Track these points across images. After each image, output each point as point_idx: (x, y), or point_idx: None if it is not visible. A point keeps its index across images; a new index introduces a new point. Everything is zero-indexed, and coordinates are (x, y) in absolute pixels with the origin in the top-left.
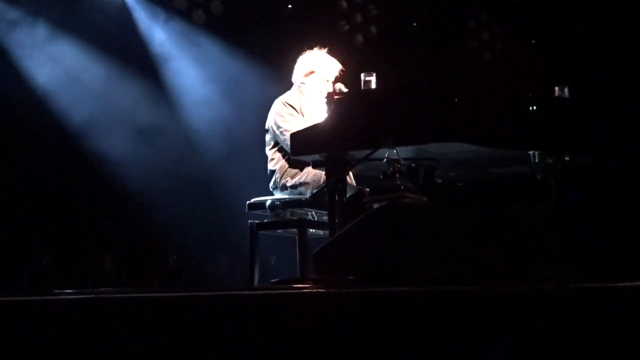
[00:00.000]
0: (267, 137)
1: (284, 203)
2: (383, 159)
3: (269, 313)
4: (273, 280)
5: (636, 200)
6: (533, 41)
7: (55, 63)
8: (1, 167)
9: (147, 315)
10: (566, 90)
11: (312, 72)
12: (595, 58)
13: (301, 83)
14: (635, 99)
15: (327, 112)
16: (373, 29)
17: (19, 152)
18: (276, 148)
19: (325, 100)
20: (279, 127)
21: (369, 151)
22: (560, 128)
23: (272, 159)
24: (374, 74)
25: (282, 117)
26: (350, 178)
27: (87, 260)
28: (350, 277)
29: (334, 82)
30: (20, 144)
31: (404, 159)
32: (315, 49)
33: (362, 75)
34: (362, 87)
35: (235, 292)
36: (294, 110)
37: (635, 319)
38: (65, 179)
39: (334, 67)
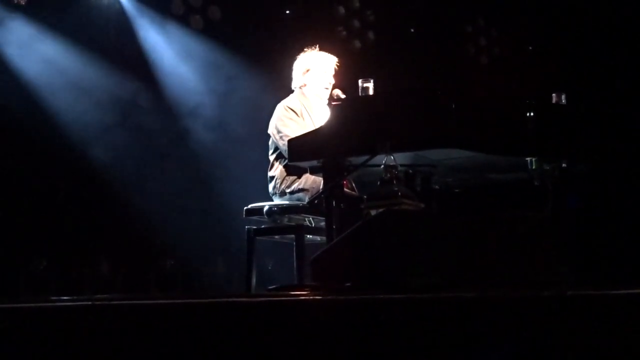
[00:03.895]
0: (270, 142)
1: (282, 209)
2: (381, 165)
3: (266, 320)
4: (270, 287)
5: (633, 207)
6: (530, 47)
7: (51, 65)
8: None
9: (144, 322)
10: (563, 96)
11: (308, 70)
12: (593, 64)
13: (302, 85)
14: (633, 105)
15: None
16: (371, 34)
17: (15, 157)
18: (276, 153)
19: (328, 104)
20: (279, 132)
21: (366, 157)
22: (557, 134)
23: (272, 165)
24: (372, 80)
25: (282, 121)
26: (351, 184)
27: (84, 265)
28: (348, 283)
29: (335, 80)
30: (17, 148)
31: (402, 165)
32: (306, 50)
33: (360, 81)
34: (360, 93)
35: (232, 299)
36: (294, 115)
37: (633, 325)
38: (62, 184)
39: (328, 59)
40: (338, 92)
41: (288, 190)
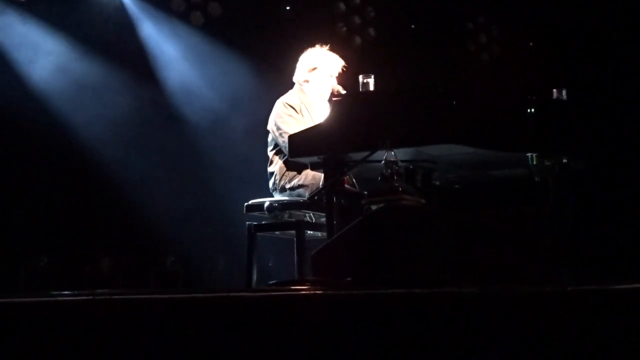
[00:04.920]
0: (269, 138)
1: (282, 205)
2: (381, 161)
3: (266, 315)
4: (271, 282)
5: (633, 202)
6: (531, 43)
7: (52, 64)
8: None
9: (145, 317)
10: (564, 92)
11: (315, 68)
12: (594, 60)
13: (304, 81)
14: (633, 101)
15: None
16: (371, 31)
17: (15, 153)
18: (276, 149)
19: (328, 99)
20: (278, 129)
21: (367, 153)
22: (558, 130)
23: (272, 161)
24: (372, 76)
25: (282, 118)
26: (352, 180)
27: (85, 261)
28: (348, 278)
29: (337, 79)
30: (17, 145)
31: (402, 161)
32: (317, 46)
33: (361, 77)
34: (361, 89)
35: (233, 294)
36: (293, 111)
37: (633, 320)
38: (62, 181)
39: (337, 62)
40: (338, 88)
41: (288, 186)
